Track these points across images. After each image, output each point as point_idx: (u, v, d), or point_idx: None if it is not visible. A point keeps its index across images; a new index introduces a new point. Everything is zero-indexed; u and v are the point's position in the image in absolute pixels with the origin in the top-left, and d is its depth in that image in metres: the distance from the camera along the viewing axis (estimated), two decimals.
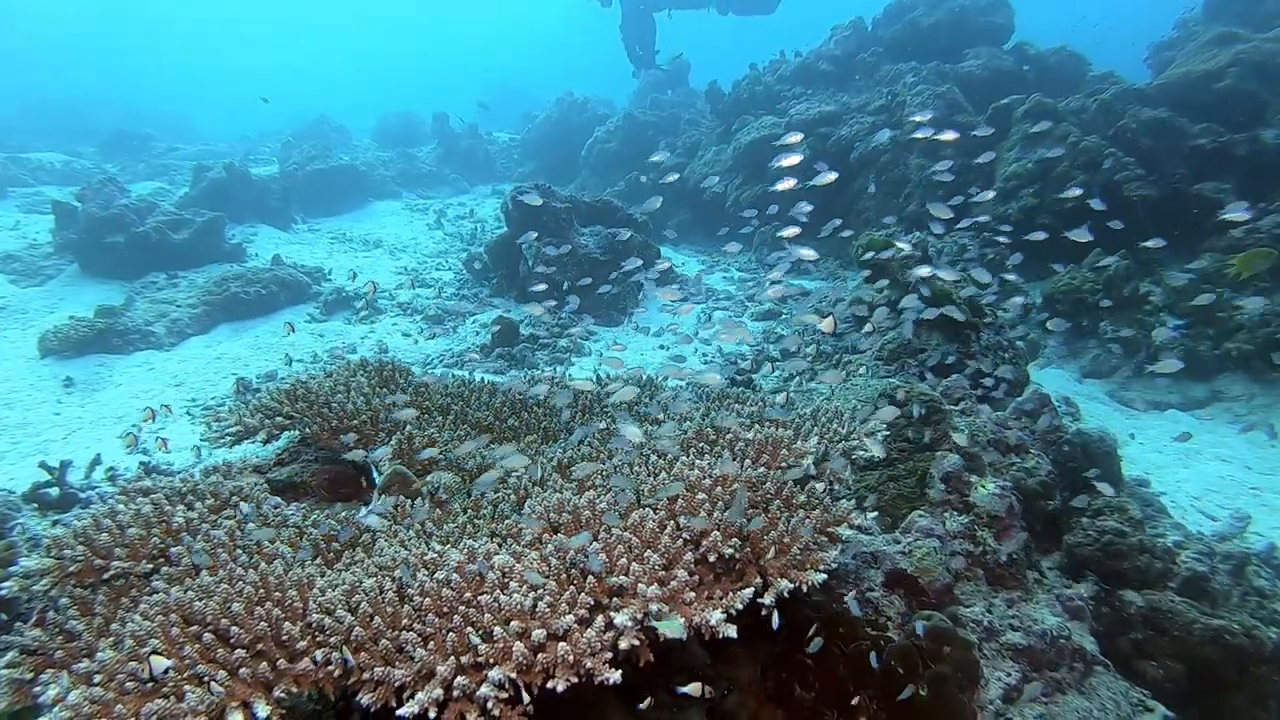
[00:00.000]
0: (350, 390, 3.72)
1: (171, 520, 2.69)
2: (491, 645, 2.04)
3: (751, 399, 3.77)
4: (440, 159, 18.32)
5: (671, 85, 21.01)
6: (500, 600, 2.10)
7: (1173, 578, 4.73)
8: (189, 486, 2.93)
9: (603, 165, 17.31)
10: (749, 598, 2.23)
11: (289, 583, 2.31)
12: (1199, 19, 15.29)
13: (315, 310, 9.26)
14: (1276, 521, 6.58)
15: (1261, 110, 11.89)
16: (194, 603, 2.22)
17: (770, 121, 13.59)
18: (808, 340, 7.78)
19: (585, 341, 8.71)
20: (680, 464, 2.66)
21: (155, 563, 2.58)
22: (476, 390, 4.25)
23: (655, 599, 2.10)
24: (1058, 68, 13.87)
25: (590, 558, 2.24)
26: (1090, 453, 5.32)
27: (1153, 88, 12.40)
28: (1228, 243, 10.35)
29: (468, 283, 10.41)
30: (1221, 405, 8.86)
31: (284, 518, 2.99)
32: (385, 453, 3.40)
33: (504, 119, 24.62)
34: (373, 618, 2.17)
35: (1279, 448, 8.13)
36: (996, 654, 3.76)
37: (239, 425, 3.56)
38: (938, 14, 13.72)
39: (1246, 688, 4.52)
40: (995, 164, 11.47)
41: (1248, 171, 11.16)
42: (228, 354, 8.11)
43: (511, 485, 3.05)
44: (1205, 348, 9.09)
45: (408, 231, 13.68)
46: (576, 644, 1.99)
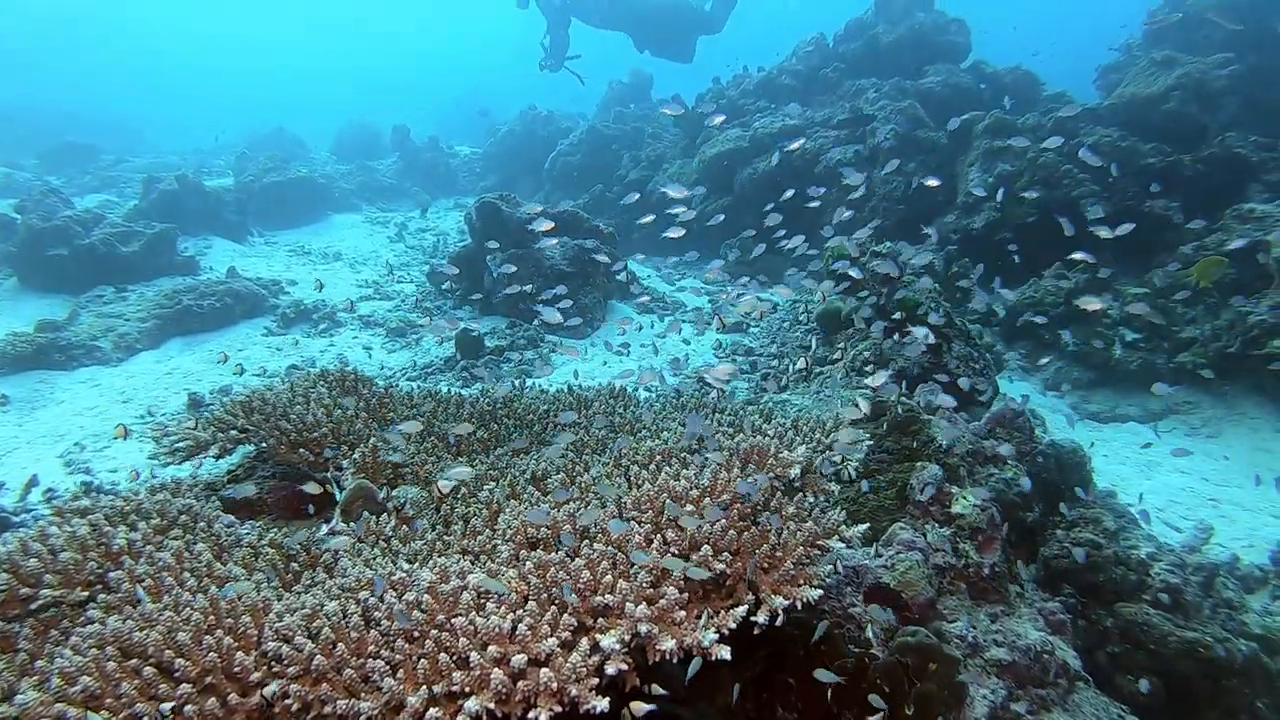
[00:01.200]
0: (310, 401, 3.52)
1: (111, 543, 2.48)
2: (467, 673, 1.87)
3: (729, 407, 3.65)
4: (401, 172, 18.05)
5: (634, 99, 21.02)
6: (476, 623, 1.94)
7: (1147, 590, 4.70)
8: (132, 505, 2.71)
9: (566, 178, 17.20)
10: (742, 616, 2.09)
11: (242, 608, 2.12)
12: (1140, 44, 15.76)
13: (273, 324, 8.96)
14: (1235, 532, 6.65)
15: (1203, 132, 12.24)
16: (134, 633, 2.02)
17: (735, 134, 13.63)
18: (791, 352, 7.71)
19: (552, 354, 8.55)
20: (665, 474, 2.52)
21: (91, 590, 2.37)
22: (444, 402, 4.08)
23: (645, 619, 1.96)
24: (1013, 86, 14.13)
25: (564, 583, 2.09)
26: (1064, 464, 5.30)
27: (1104, 108, 12.69)
28: (1178, 258, 10.57)
29: (430, 295, 10.18)
30: (1178, 417, 8.99)
31: (237, 537, 2.78)
32: (346, 466, 3.22)
33: (465, 133, 24.43)
34: (335, 644, 1.99)
35: (1233, 460, 8.25)
36: (981, 670, 3.67)
37: (189, 440, 3.34)
38: (898, 31, 13.91)
39: (1220, 701, 4.50)
40: (957, 178, 11.62)
41: (1194, 190, 11.45)
42: (180, 369, 7.78)
43: (483, 499, 2.89)
44: (1161, 360, 9.22)
45: (368, 244, 13.40)
46: (560, 670, 1.84)
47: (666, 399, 4.71)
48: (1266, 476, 7.83)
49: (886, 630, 3.75)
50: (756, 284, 12.12)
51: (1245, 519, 6.83)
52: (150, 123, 27.91)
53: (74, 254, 9.82)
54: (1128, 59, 15.71)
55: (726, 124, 14.62)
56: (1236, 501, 7.19)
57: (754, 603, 2.19)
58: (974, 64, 14.28)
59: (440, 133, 21.55)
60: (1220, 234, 10.63)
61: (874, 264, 6.54)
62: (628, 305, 10.56)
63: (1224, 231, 10.64)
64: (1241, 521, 6.76)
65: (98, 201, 13.45)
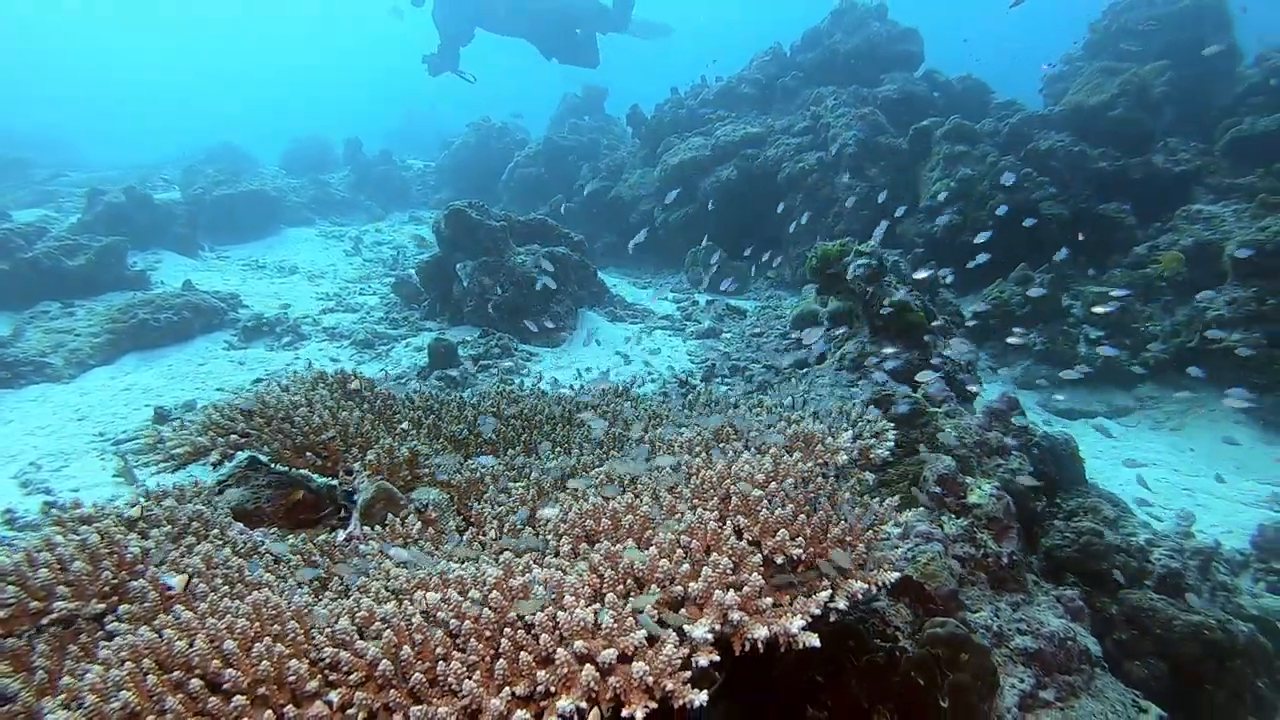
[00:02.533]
0: (314, 403, 3.33)
1: (125, 551, 2.27)
2: (551, 670, 1.74)
3: (754, 400, 3.57)
4: (354, 185, 17.68)
5: (588, 111, 21.00)
6: (558, 617, 1.80)
7: (1149, 576, 4.74)
8: (140, 513, 2.51)
9: (523, 190, 17.06)
10: (825, 602, 2.00)
11: (288, 613, 1.95)
12: (1081, 55, 16.31)
13: (233, 337, 8.61)
14: (1212, 519, 6.79)
15: (1148, 137, 12.68)
16: (173, 643, 1.83)
17: (698, 143, 13.65)
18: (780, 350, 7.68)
19: (527, 363, 8.39)
20: (722, 461, 2.42)
21: (108, 602, 2.16)
22: (446, 403, 3.92)
23: (734, 607, 1.85)
24: (965, 94, 14.46)
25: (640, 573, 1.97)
26: (1058, 455, 5.35)
27: (1055, 115, 13.06)
28: (1132, 259, 10.89)
29: (395, 306, 9.92)
30: (1144, 412, 9.20)
31: (254, 544, 2.60)
32: (359, 469, 3.04)
33: (416, 147, 24.09)
34: (399, 648, 1.83)
35: (1196, 451, 8.47)
36: (1008, 659, 3.64)
37: (186, 445, 3.12)
38: (854, 40, 14.13)
39: (1224, 682, 4.55)
40: (919, 183, 11.80)
41: (1143, 192, 11.83)
42: (138, 385, 7.40)
43: (516, 496, 2.75)
44: (1125, 357, 9.43)
45: (324, 258, 13.04)
46: (655, 663, 1.72)
47: (667, 397, 4.62)
48: (1229, 469, 8.07)
49: (910, 623, 3.70)
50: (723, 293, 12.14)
51: (1220, 507, 6.99)
52: (82, 138, 26.90)
53: (15, 268, 9.33)
54: (1071, 69, 16.26)
55: (688, 133, 14.68)
56: (1208, 490, 7.37)
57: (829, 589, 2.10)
58: (927, 72, 14.58)
59: (390, 147, 21.20)
60: (1171, 234, 11.01)
61: (858, 264, 6.55)
62: (599, 313, 10.45)
63: (1174, 231, 11.02)
64: (1216, 509, 6.91)
65: (36, 216, 12.83)
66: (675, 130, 14.99)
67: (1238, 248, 8.74)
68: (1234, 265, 8.90)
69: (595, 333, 9.77)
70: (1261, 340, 8.50)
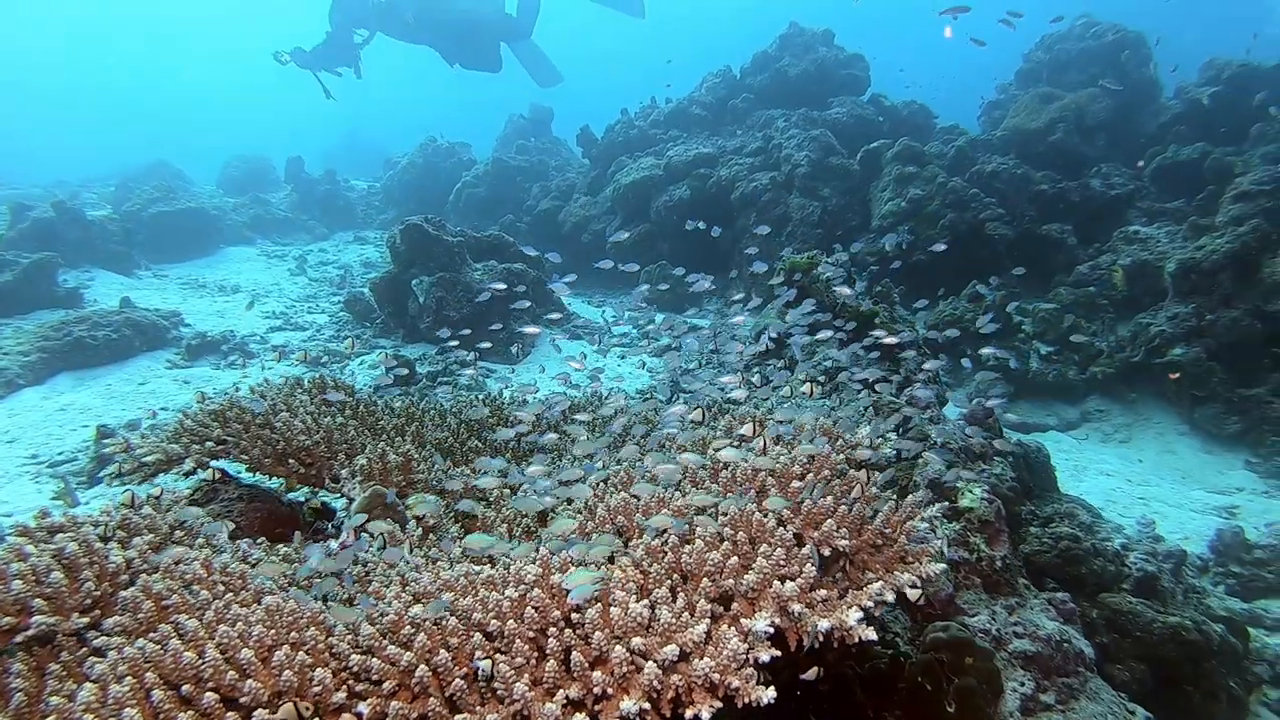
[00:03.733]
0: (295, 409, 3.14)
1: (106, 561, 2.06)
2: (607, 671, 1.61)
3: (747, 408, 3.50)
4: (296, 205, 17.18)
5: (534, 133, 20.93)
6: (611, 614, 1.68)
7: (1126, 580, 4.80)
8: (118, 521, 2.29)
9: (472, 210, 16.84)
10: (878, 593, 1.91)
11: (305, 619, 1.78)
12: (1013, 84, 16.96)
13: (177, 356, 8.20)
14: (1169, 527, 6.95)
15: (1085, 162, 13.20)
16: (180, 655, 1.65)
17: (650, 162, 13.68)
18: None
19: (487, 380, 8.20)
20: (753, 453, 2.32)
21: (91, 616, 1.95)
22: (426, 410, 3.75)
23: (794, 599, 1.75)
24: (910, 118, 14.86)
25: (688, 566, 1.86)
26: (1031, 462, 5.40)
27: (997, 139, 13.50)
28: (1075, 277, 11.25)
29: (347, 324, 9.61)
30: (1092, 425, 9.44)
31: (244, 553, 2.40)
32: (348, 474, 2.86)
33: (355, 169, 23.62)
34: (434, 653, 1.68)
35: (1145, 462, 8.72)
36: (1007, 662, 3.60)
37: (157, 453, 2.90)
38: (803, 64, 14.39)
39: (1200, 683, 4.60)
40: (871, 203, 12.02)
41: (1082, 214, 12.27)
42: (74, 405, 6.97)
43: (527, 504, 2.61)
44: (1074, 372, 9.68)
45: (268, 277, 12.60)
46: (720, 658, 1.60)
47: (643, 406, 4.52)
48: (1175, 479, 8.32)
49: (908, 628, 3.65)
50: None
51: (1174, 515, 7.17)
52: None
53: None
54: (1006, 97, 16.88)
55: (639, 153, 14.71)
56: (1161, 499, 7.56)
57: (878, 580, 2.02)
58: (873, 97, 14.93)
59: (330, 168, 20.71)
60: (1110, 254, 11.42)
61: (827, 274, 6.58)
62: (557, 330, 10.31)
63: (1113, 252, 11.44)
64: (1171, 517, 7.09)
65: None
66: (627, 150, 15.02)
67: (1177, 265, 9.10)
68: (1174, 282, 9.25)
69: (554, 350, 9.63)
70: (1201, 354, 8.83)
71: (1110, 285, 8.60)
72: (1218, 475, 8.31)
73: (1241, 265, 8.89)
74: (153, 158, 19.91)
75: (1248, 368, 8.63)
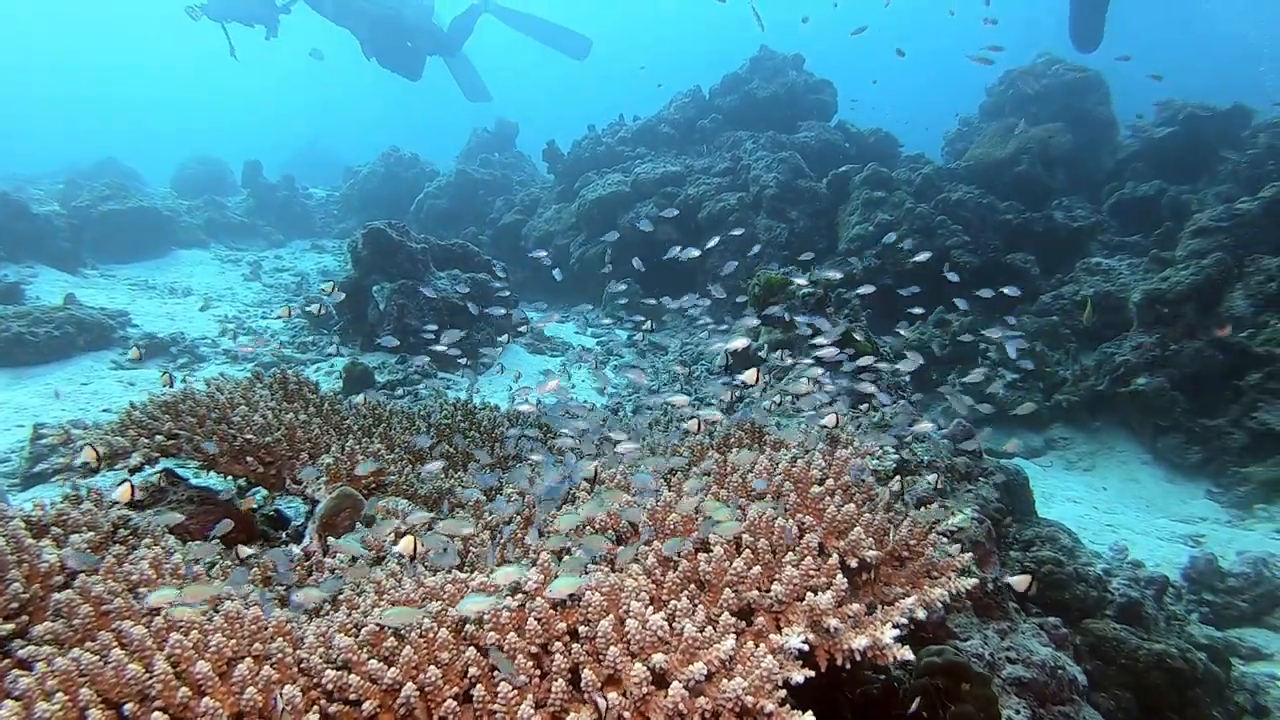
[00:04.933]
0: (255, 404, 2.88)
1: (38, 560, 1.80)
2: (622, 691, 1.40)
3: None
4: (252, 210, 16.69)
5: (498, 147, 20.76)
6: (628, 626, 1.47)
7: (1109, 605, 4.71)
8: (52, 518, 2.02)
9: (434, 222, 16.54)
10: (911, 609, 1.74)
11: (270, 629, 1.54)
12: (977, 118, 17.29)
13: (123, 357, 7.77)
14: (1137, 554, 6.93)
15: (1048, 194, 13.43)
16: (123, 667, 1.40)
17: (616, 179, 13.56)
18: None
19: (447, 391, 7.92)
20: (769, 460, 2.14)
21: (17, 622, 1.69)
22: (395, 412, 3.51)
23: (829, 612, 1.56)
24: (876, 146, 14.99)
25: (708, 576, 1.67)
26: (1010, 485, 5.32)
27: (962, 168, 13.66)
28: (1038, 306, 11.36)
29: (303, 330, 9.25)
30: (1056, 453, 9.47)
31: (194, 557, 2.14)
32: (313, 473, 2.62)
33: (316, 178, 23.15)
34: (421, 669, 1.46)
35: (1109, 490, 8.75)
36: (1001, 689, 3.45)
37: (101, 446, 2.62)
38: (772, 87, 14.45)
39: (1184, 712, 4.52)
40: (838, 227, 12.04)
41: (1044, 245, 12.43)
42: (9, 403, 6.53)
43: (510, 510, 2.39)
44: (1038, 399, 9.71)
45: (221, 281, 12.15)
46: (752, 678, 1.41)
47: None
48: (1139, 507, 8.36)
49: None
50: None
51: (1142, 542, 7.16)
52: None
53: None
54: (969, 129, 17.19)
55: (606, 169, 14.61)
56: (1128, 526, 7.56)
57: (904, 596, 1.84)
58: (840, 123, 15.05)
59: (288, 174, 20.22)
60: (1072, 284, 11.57)
61: (803, 293, 6.48)
62: (519, 344, 10.08)
63: (1075, 282, 11.58)
64: (1140, 544, 7.07)
65: None
66: (594, 166, 14.90)
67: (1143, 296, 9.21)
68: (1139, 312, 9.36)
69: (515, 363, 9.40)
70: (1164, 384, 8.92)
71: (1080, 316, 8.64)
72: (1180, 504, 8.36)
73: (1204, 297, 9.03)
74: (102, 155, 19.23)
75: (1209, 398, 8.73)
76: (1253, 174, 12.26)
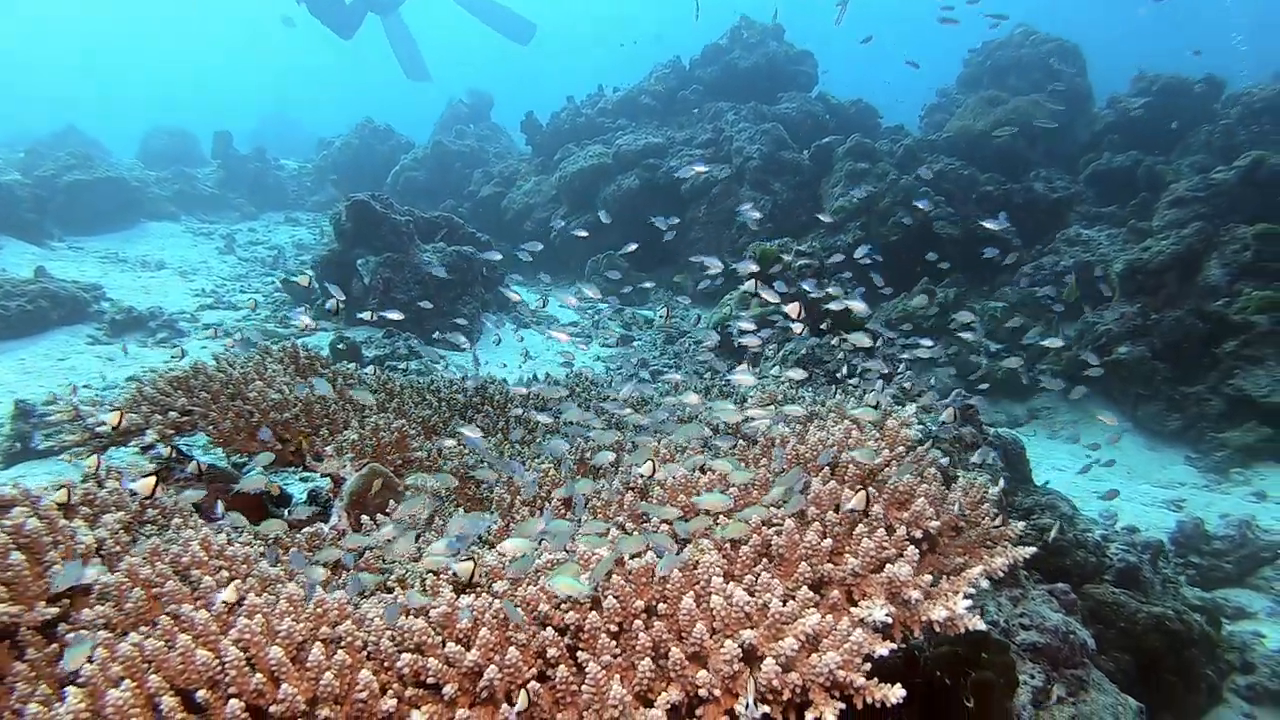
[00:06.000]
0: (270, 379, 2.79)
1: (74, 541, 1.72)
2: (713, 671, 1.37)
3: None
4: (223, 182, 16.27)
5: (473, 119, 20.43)
6: (713, 602, 1.44)
7: (1108, 571, 4.79)
8: (81, 497, 1.94)
9: (410, 195, 16.24)
10: (977, 579, 1.72)
11: (335, 612, 1.48)
12: (955, 89, 17.32)
13: (99, 331, 7.55)
14: (1126, 520, 7.06)
15: (1028, 165, 13.50)
16: (192, 653, 1.34)
17: (598, 150, 13.39)
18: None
19: (435, 366, 7.82)
20: (820, 430, 2.11)
21: (62, 605, 1.61)
22: (405, 387, 3.43)
23: (909, 584, 1.54)
24: (856, 117, 14.95)
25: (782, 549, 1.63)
26: (1009, 454, 5.37)
27: (943, 140, 13.66)
28: (1019, 277, 11.45)
29: (285, 304, 9.06)
30: (1039, 422, 9.59)
31: (229, 536, 2.06)
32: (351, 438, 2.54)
33: (286, 148, 22.64)
34: (501, 650, 1.41)
35: (1094, 456, 8.88)
36: (1016, 655, 3.50)
37: (115, 424, 2.52)
38: (753, 58, 14.32)
39: (1181, 672, 4.62)
40: (822, 198, 12.01)
41: (1024, 216, 12.51)
42: None
43: (543, 480, 2.34)
44: (1021, 370, 9.81)
45: (195, 254, 11.84)
46: (846, 650, 1.38)
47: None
48: (1121, 474, 8.50)
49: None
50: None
51: (1127, 508, 7.27)
52: None
53: None
54: (947, 100, 17.22)
55: (587, 141, 14.42)
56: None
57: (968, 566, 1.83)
58: (820, 94, 14.97)
59: (259, 145, 19.73)
60: (1052, 255, 11.67)
61: (800, 264, 6.46)
62: (504, 318, 9.96)
63: (1055, 253, 11.69)
64: (1125, 510, 7.19)
65: None
66: (574, 138, 14.70)
67: (1125, 266, 9.33)
68: (1120, 282, 9.48)
69: (503, 337, 9.29)
70: (1146, 353, 9.06)
71: (1065, 293, 8.71)
72: (1160, 470, 8.51)
73: (1185, 266, 9.14)
74: (61, 124, 18.59)
75: (1189, 366, 8.87)
76: (1225, 144, 12.40)
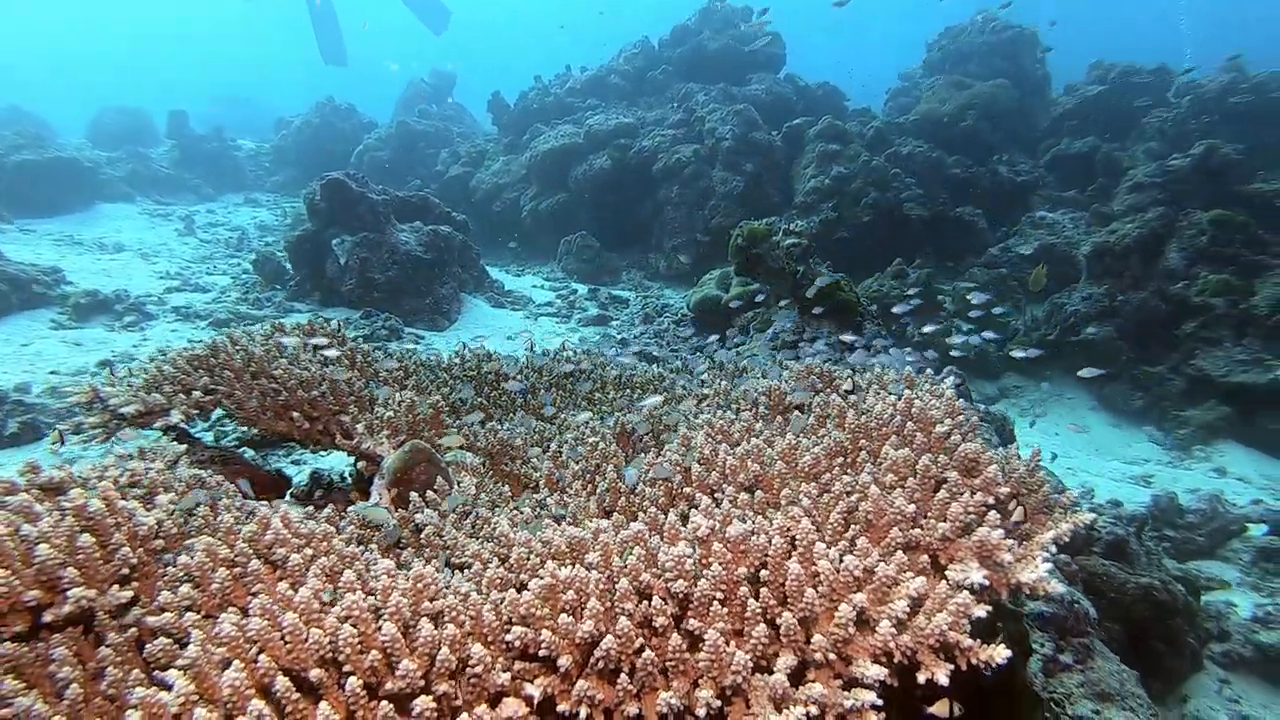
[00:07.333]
0: (296, 357, 2.72)
1: (134, 522, 1.65)
2: (827, 635, 1.37)
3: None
4: (179, 163, 15.75)
5: (435, 99, 20.12)
6: (821, 568, 1.44)
7: (1097, 543, 4.92)
8: (132, 478, 1.87)
9: (374, 174, 15.90)
10: (1051, 542, 1.75)
11: (434, 588, 1.45)
12: (920, 73, 17.53)
13: (62, 316, 7.27)
14: (1100, 496, 7.26)
15: (993, 149, 13.72)
16: (300, 632, 1.30)
17: (569, 130, 13.27)
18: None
19: (416, 345, 7.71)
20: (877, 398, 2.12)
21: (133, 588, 1.55)
22: (422, 365, 3.37)
23: (1000, 547, 1.56)
24: (823, 99, 15.03)
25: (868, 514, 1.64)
26: (999, 431, 5.48)
27: (910, 123, 13.80)
28: (986, 259, 11.67)
29: (255, 286, 8.82)
30: (1009, 400, 9.79)
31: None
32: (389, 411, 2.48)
33: (242, 128, 22.03)
34: (613, 620, 1.40)
35: (1063, 434, 9.11)
36: (1027, 625, 3.59)
37: (135, 404, 2.43)
38: (722, 39, 14.30)
39: (1166, 639, 4.78)
40: (794, 179, 12.07)
41: (990, 199, 12.74)
42: None
43: (592, 454, 2.32)
44: (991, 349, 10.01)
45: (153, 236, 11.46)
46: (952, 611, 1.39)
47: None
48: (1090, 451, 8.75)
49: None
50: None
51: (1098, 484, 7.49)
52: None
53: None
54: (911, 84, 17.41)
55: (557, 121, 14.29)
56: (1084, 469, 7.91)
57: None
58: (789, 75, 15.02)
59: (217, 125, 19.16)
60: (1018, 237, 11.90)
61: (788, 243, 6.48)
62: (481, 298, 9.85)
63: (1020, 236, 11.92)
64: (1101, 487, 7.40)
65: None
66: (542, 118, 14.56)
67: (1092, 248, 9.55)
68: (1088, 264, 9.71)
69: (478, 317, 9.20)
70: (1112, 333, 9.31)
71: (1031, 280, 8.89)
72: (1125, 447, 8.77)
73: (1147, 250, 9.39)
74: (6, 101, 17.84)
75: (1153, 347, 9.14)
76: (1177, 131, 12.72)
